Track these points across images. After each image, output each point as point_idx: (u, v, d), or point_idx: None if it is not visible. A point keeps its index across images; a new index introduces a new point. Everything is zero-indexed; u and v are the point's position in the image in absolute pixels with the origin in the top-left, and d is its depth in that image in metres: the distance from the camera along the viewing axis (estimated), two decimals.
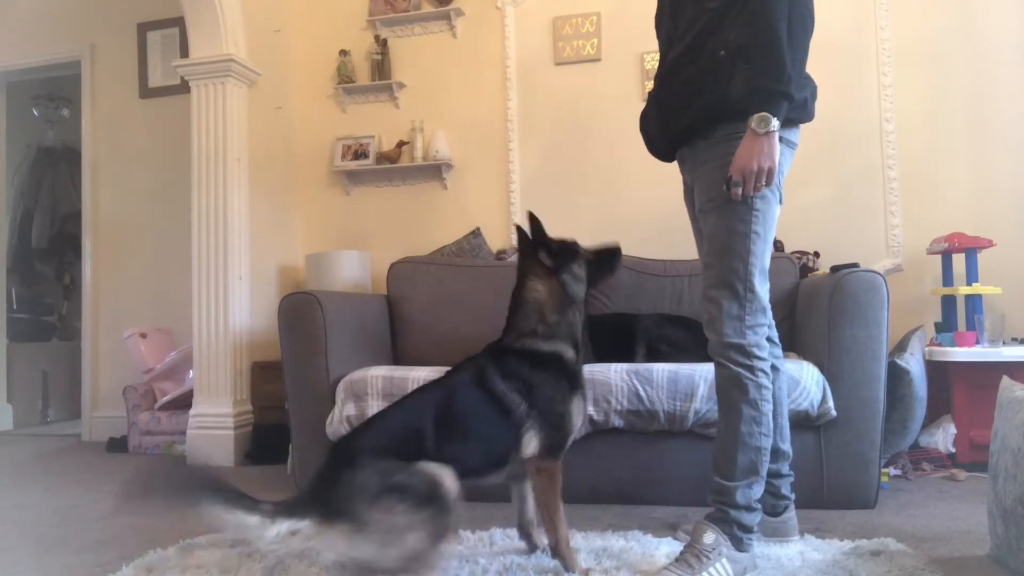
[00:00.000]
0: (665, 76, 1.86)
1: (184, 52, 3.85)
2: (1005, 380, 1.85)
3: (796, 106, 1.70)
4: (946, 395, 2.90)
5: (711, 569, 1.63)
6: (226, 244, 3.49)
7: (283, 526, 1.36)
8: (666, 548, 1.88)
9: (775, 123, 1.60)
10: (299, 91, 4.11)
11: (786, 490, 1.96)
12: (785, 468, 1.95)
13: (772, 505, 1.93)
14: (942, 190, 3.33)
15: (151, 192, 4.36)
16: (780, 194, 1.78)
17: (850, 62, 3.42)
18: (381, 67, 3.96)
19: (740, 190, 1.66)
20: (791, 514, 1.96)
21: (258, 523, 1.34)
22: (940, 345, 2.91)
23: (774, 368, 1.89)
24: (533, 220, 1.81)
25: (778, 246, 3.33)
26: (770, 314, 1.79)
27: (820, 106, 3.77)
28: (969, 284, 2.99)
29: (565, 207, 3.67)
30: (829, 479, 2.34)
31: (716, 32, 1.70)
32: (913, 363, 2.58)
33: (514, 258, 1.99)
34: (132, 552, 1.97)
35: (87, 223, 4.48)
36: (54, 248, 5.85)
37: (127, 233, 4.40)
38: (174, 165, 4.10)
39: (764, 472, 1.72)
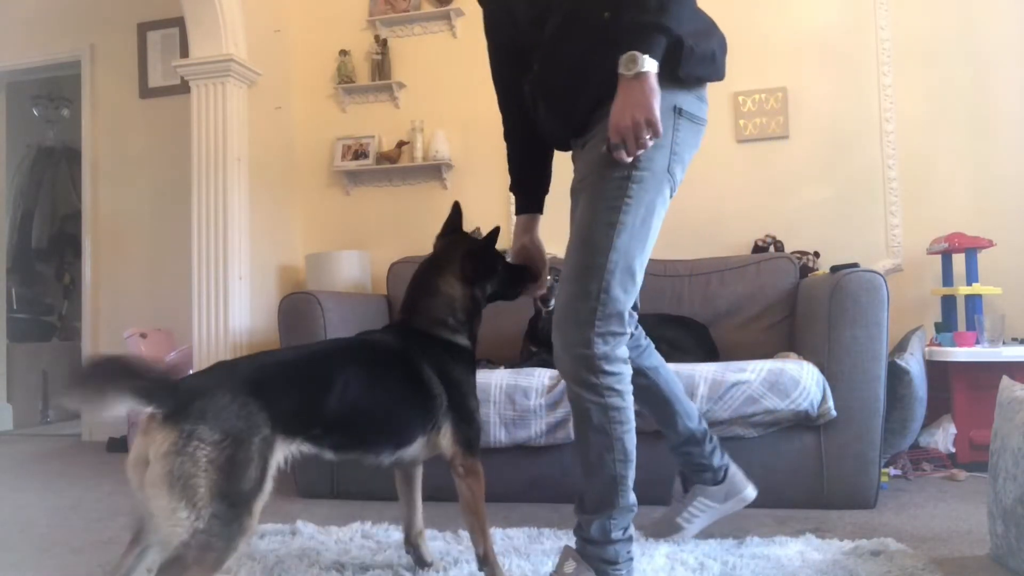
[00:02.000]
0: (543, 57, 1.56)
1: (184, 52, 3.85)
2: (1005, 380, 1.85)
3: (702, 60, 1.44)
4: (946, 395, 2.90)
5: None
6: (226, 244, 3.48)
7: (126, 400, 1.24)
8: (665, 548, 1.88)
9: (646, 62, 1.31)
10: (299, 91, 4.11)
11: (718, 459, 1.89)
12: (707, 443, 1.87)
13: (712, 477, 1.90)
14: (942, 190, 3.33)
15: (151, 192, 4.36)
16: (674, 184, 1.51)
17: (850, 62, 3.42)
18: (381, 67, 3.96)
19: (623, 152, 1.38)
20: (733, 470, 1.91)
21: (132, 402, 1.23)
22: (940, 345, 2.91)
23: (651, 368, 1.77)
24: (491, 236, 1.78)
25: (778, 246, 3.33)
26: (630, 322, 1.51)
27: (820, 106, 3.76)
28: (969, 284, 2.99)
29: (564, 207, 3.65)
30: (829, 479, 2.34)
31: None
32: (913, 363, 2.57)
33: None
34: None
35: (87, 223, 4.48)
36: (54, 248, 5.86)
37: (127, 233, 4.40)
38: (174, 165, 4.10)
39: (623, 501, 1.50)
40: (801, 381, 2.31)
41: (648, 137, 1.36)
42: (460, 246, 1.80)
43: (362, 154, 3.98)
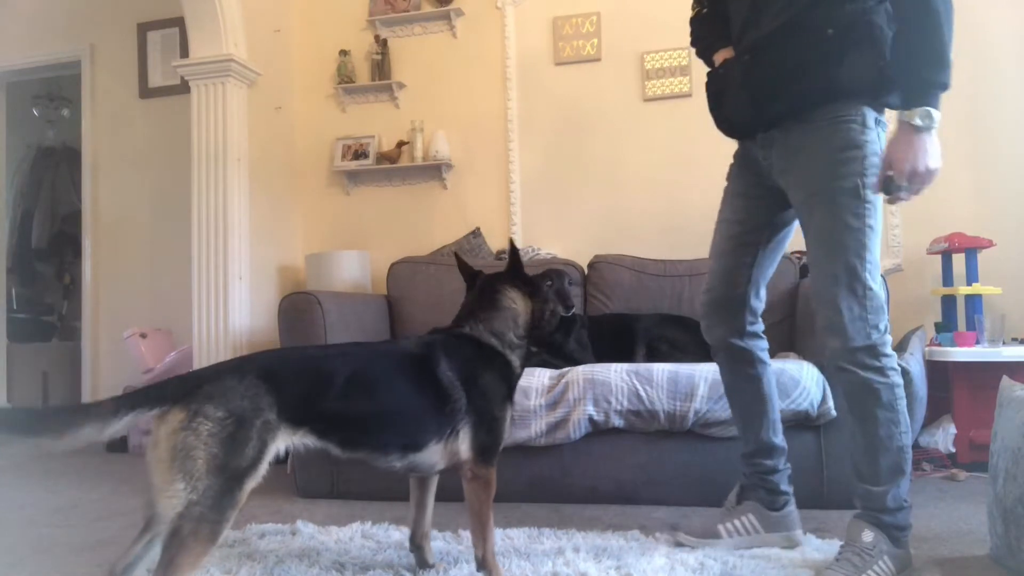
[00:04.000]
0: (757, 50, 1.70)
1: (184, 52, 3.85)
2: (1005, 380, 1.85)
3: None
4: (946, 395, 2.90)
5: (875, 567, 1.60)
6: (226, 244, 3.48)
7: (129, 416, 1.31)
8: (665, 548, 1.88)
9: (938, 117, 1.50)
10: (299, 91, 4.11)
11: (784, 485, 1.92)
12: (781, 463, 1.91)
13: (771, 501, 1.90)
14: (942, 190, 3.31)
15: (151, 192, 4.36)
16: None
17: None
18: (381, 67, 3.96)
19: (904, 194, 1.54)
20: (792, 507, 1.93)
21: (97, 426, 1.28)
22: (940, 345, 2.91)
23: (762, 363, 1.88)
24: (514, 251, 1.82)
25: None
26: (755, 299, 1.82)
27: None
28: (969, 284, 2.99)
29: (565, 207, 3.67)
30: (829, 479, 2.34)
31: (819, 8, 1.58)
32: (913, 363, 2.57)
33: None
34: None
35: (87, 223, 4.48)
36: (54, 248, 5.86)
37: (127, 233, 4.40)
38: (174, 165, 4.10)
39: (909, 468, 1.66)
40: (801, 381, 2.31)
41: (926, 184, 1.54)
42: (516, 268, 1.81)
43: (362, 154, 3.98)
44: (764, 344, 1.92)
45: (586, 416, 2.42)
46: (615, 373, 2.44)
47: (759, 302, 1.89)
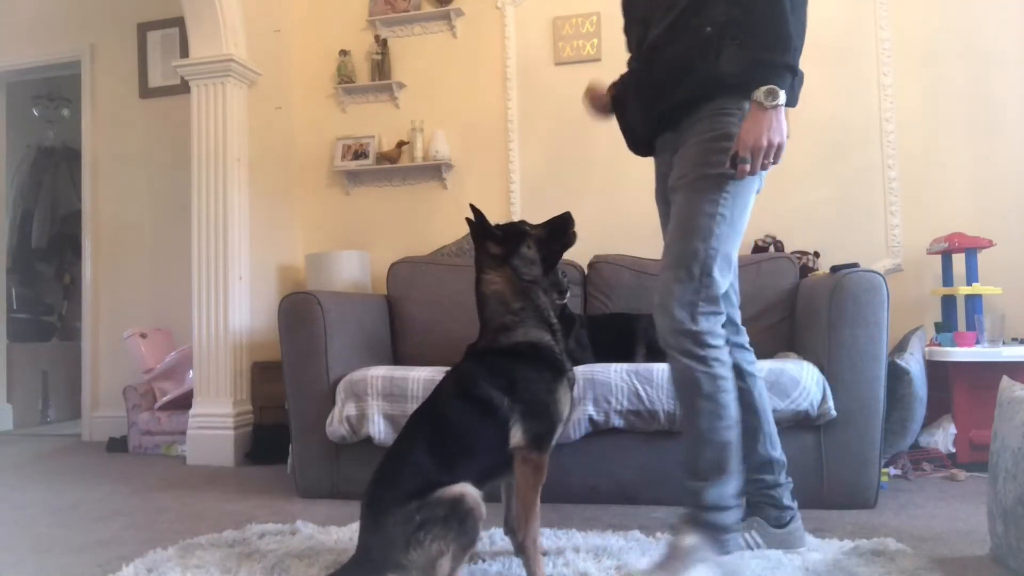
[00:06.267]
0: (645, 57, 1.78)
1: (184, 52, 3.85)
2: (1005, 380, 1.85)
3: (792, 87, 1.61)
4: (946, 395, 2.90)
5: (692, 572, 1.55)
6: (226, 244, 3.49)
7: None
8: (665, 548, 1.88)
9: (783, 96, 1.53)
10: (299, 91, 4.11)
11: (787, 499, 1.86)
12: (782, 477, 1.86)
13: (776, 517, 1.85)
14: (942, 190, 3.33)
15: (151, 192, 4.36)
16: (761, 181, 1.70)
17: (850, 62, 3.42)
18: (381, 67, 3.96)
19: (748, 166, 1.56)
20: (797, 523, 1.86)
21: None
22: (940, 345, 2.91)
23: (750, 375, 1.83)
24: (476, 213, 1.76)
25: (778, 246, 3.33)
26: (729, 308, 1.73)
27: (820, 106, 3.76)
28: (969, 284, 2.99)
29: (565, 207, 3.64)
30: (829, 479, 2.34)
31: (700, 10, 1.63)
32: (913, 363, 2.58)
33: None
34: (132, 552, 1.97)
35: (87, 223, 4.48)
36: (54, 248, 5.85)
37: (127, 233, 4.40)
38: (174, 165, 4.10)
39: (734, 467, 1.63)
40: (801, 381, 2.31)
41: (771, 160, 1.54)
42: (479, 242, 1.79)
43: (362, 154, 3.98)
44: (751, 356, 1.87)
45: (586, 416, 2.42)
46: (615, 373, 2.44)
47: (734, 309, 1.84)
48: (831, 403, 2.32)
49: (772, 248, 3.32)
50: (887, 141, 3.38)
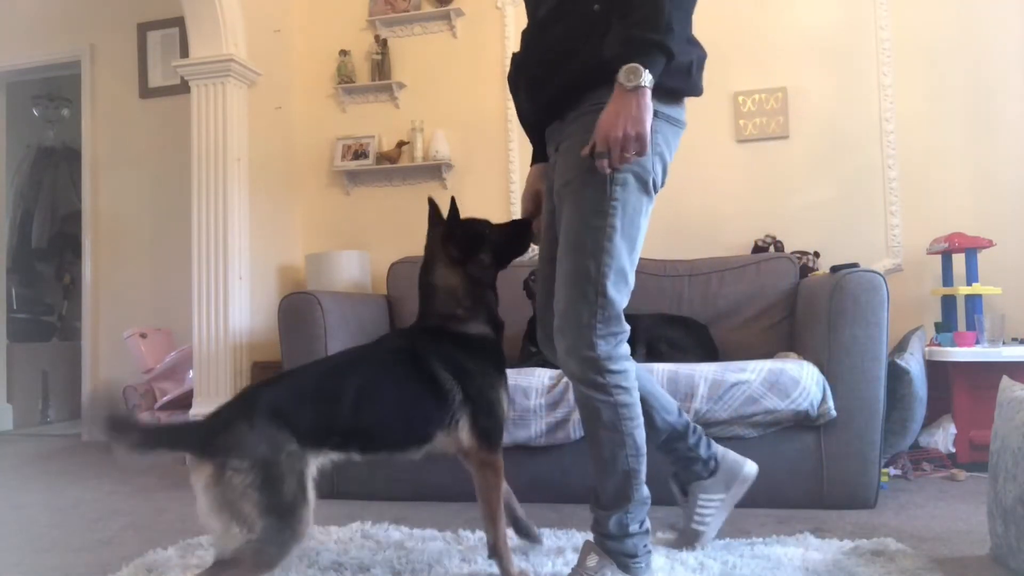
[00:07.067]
0: (531, 38, 1.62)
1: (184, 52, 3.85)
2: (1005, 380, 1.85)
3: (677, 72, 1.44)
4: (946, 395, 2.90)
5: None
6: (226, 244, 3.48)
7: (163, 452, 1.41)
8: (664, 548, 1.88)
9: (647, 76, 1.33)
10: (299, 91, 4.11)
11: (706, 449, 1.82)
12: (690, 435, 1.80)
13: (707, 469, 1.84)
14: (942, 190, 3.33)
15: (151, 192, 4.36)
16: (656, 183, 1.52)
17: (850, 62, 3.42)
18: (381, 67, 3.96)
19: (605, 161, 1.38)
20: (726, 456, 1.85)
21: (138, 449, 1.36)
22: (940, 345, 2.91)
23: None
24: (452, 206, 1.73)
25: (778, 246, 3.33)
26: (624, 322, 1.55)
27: (820, 106, 3.75)
28: (969, 284, 2.99)
29: None
30: (829, 479, 2.34)
31: None
32: (913, 363, 2.57)
33: None
34: (132, 552, 1.97)
35: (87, 223, 4.48)
36: (54, 248, 5.86)
37: (127, 233, 4.40)
38: (174, 165, 4.10)
39: (638, 495, 1.56)
40: (801, 381, 2.31)
41: (633, 152, 1.37)
42: (436, 235, 1.78)
43: (362, 154, 3.98)
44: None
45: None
46: None
47: None
48: (831, 403, 2.32)
49: (772, 248, 3.32)
50: (887, 141, 3.37)
